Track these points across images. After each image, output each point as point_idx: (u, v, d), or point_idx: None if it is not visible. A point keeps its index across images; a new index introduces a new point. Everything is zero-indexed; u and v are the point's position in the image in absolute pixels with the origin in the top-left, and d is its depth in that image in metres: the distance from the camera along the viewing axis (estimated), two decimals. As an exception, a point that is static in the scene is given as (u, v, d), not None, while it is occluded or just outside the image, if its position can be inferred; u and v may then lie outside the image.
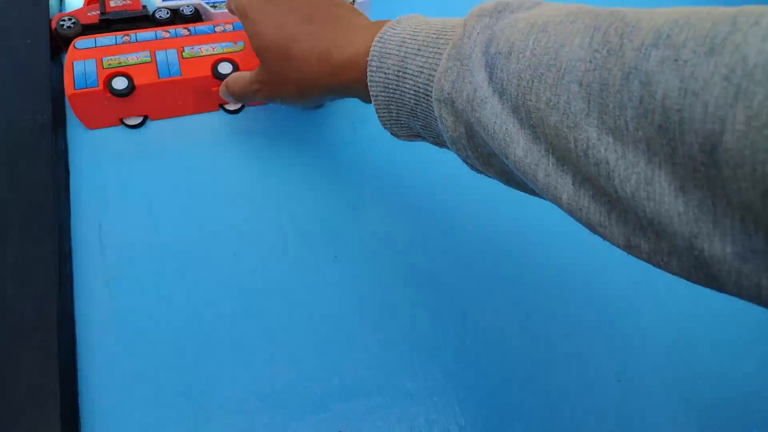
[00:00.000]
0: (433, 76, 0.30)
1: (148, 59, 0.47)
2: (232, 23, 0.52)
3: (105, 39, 0.48)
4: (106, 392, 0.40)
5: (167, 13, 0.52)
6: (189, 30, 0.50)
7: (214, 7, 0.54)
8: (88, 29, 0.51)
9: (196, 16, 0.53)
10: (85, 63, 0.46)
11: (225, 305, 0.44)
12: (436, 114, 0.30)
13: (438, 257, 0.48)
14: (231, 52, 0.49)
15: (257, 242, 0.47)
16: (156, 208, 0.47)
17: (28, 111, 0.47)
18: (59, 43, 0.51)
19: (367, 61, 0.34)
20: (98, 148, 0.49)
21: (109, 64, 0.46)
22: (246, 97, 0.44)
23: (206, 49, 0.49)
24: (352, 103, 0.54)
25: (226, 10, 0.53)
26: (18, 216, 0.43)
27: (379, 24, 0.37)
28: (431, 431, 0.41)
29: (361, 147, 0.53)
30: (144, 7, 0.53)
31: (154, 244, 0.46)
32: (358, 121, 0.54)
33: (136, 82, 0.46)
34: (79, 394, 0.40)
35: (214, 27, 0.51)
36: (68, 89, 0.45)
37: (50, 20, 0.51)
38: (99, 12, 0.51)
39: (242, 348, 0.43)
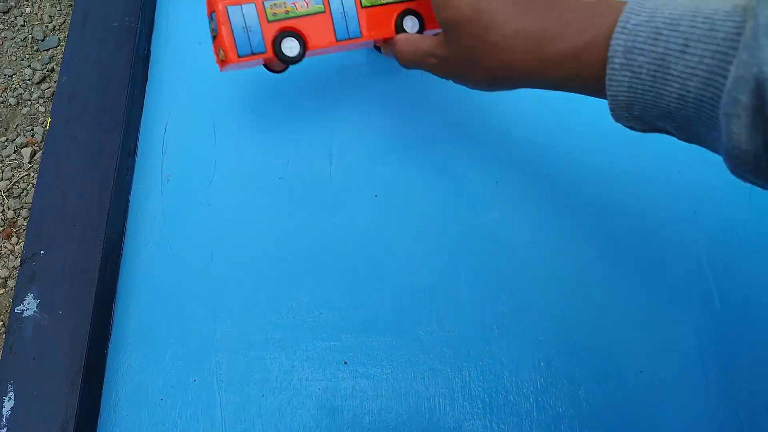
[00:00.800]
0: (716, 83, 0.25)
1: (321, 8, 0.38)
2: None
3: None
4: (144, 276, 0.44)
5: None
6: None
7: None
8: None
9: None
10: (243, 10, 0.36)
11: (262, 223, 0.46)
12: (722, 126, 0.25)
13: (475, 213, 0.46)
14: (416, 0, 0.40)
15: (304, 170, 0.48)
16: (218, 122, 0.49)
17: (119, 12, 0.50)
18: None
19: (598, 55, 0.29)
20: (178, 60, 0.52)
21: (275, 14, 0.37)
22: (415, 67, 0.39)
23: None
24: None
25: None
26: (93, 108, 0.47)
27: (606, 3, 0.30)
28: (434, 379, 0.42)
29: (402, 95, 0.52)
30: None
31: (209, 156, 0.48)
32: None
33: (309, 44, 0.38)
34: (119, 276, 0.44)
35: None
36: (229, 54, 0.36)
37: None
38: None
39: (271, 266, 0.44)
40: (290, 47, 0.37)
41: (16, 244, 0.61)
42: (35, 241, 0.43)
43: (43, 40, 0.68)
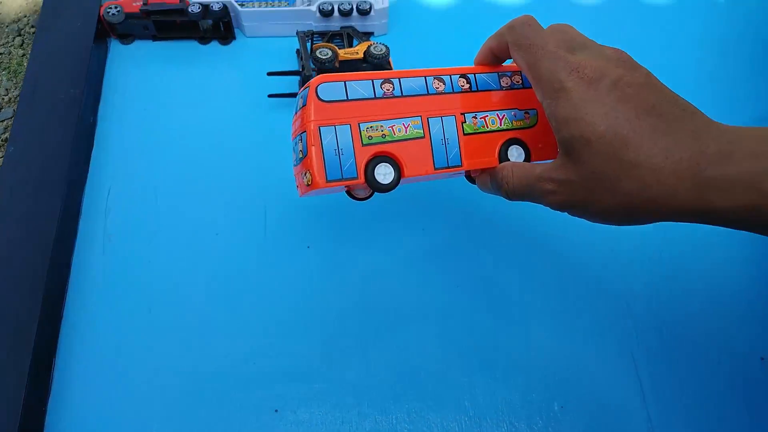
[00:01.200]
0: None
1: (420, 133, 0.35)
2: (521, 74, 0.38)
3: (359, 85, 0.35)
4: (84, 332, 0.46)
5: (199, 7, 0.57)
6: (468, 80, 0.37)
7: (242, 5, 0.58)
8: (129, 18, 0.57)
9: (224, 12, 0.57)
10: (336, 131, 0.33)
11: (198, 278, 0.48)
12: None
13: (403, 260, 0.49)
14: (522, 128, 0.37)
15: (240, 225, 0.50)
16: (159, 184, 0.52)
17: (65, 83, 0.54)
18: (105, 27, 0.58)
19: None
20: (123, 127, 0.55)
21: (370, 138, 0.34)
22: (524, 197, 0.34)
23: (492, 121, 0.37)
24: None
25: (261, 7, 0.58)
26: (37, 175, 0.49)
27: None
28: (362, 423, 0.43)
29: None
30: (180, 1, 0.58)
31: (150, 216, 0.50)
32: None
33: (405, 171, 0.34)
34: (60, 334, 0.46)
35: (499, 78, 0.38)
36: (317, 178, 0.33)
37: (100, 7, 0.58)
38: (142, 2, 0.57)
39: (206, 318, 0.46)
40: (384, 174, 0.34)
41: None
42: (-24, 304, 0.45)
43: (-2, 112, 0.72)
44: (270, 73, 0.54)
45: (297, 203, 0.51)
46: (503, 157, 0.36)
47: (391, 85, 0.35)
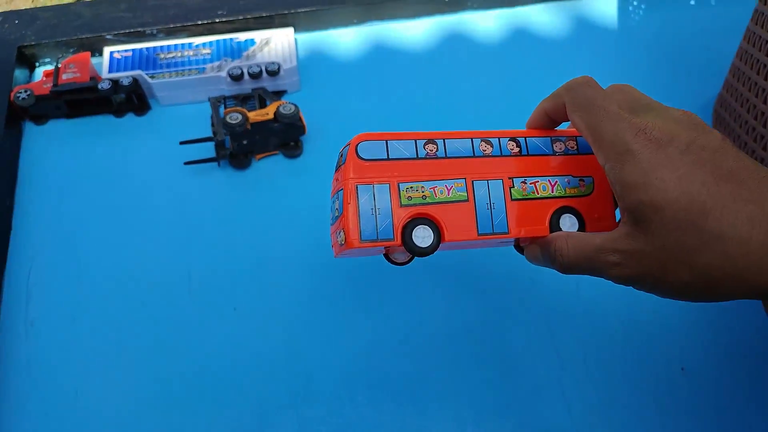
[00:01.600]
0: None
1: (464, 196, 0.33)
2: (576, 139, 0.36)
3: (401, 145, 0.33)
4: (9, 415, 0.44)
5: (109, 83, 0.58)
6: (518, 143, 0.35)
7: (153, 77, 0.59)
8: (41, 100, 0.58)
9: (135, 85, 0.58)
10: (374, 189, 0.32)
11: (125, 353, 0.47)
12: None
13: (327, 312, 0.50)
14: (577, 196, 0.35)
15: (164, 294, 0.50)
16: (81, 262, 0.52)
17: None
18: (17, 111, 0.58)
19: None
20: (42, 207, 0.55)
21: (409, 198, 0.32)
22: (583, 270, 0.31)
23: (543, 187, 0.34)
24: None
25: (170, 78, 0.59)
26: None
27: None
28: (299, 481, 0.43)
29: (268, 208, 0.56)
30: (92, 78, 0.59)
31: (73, 296, 0.50)
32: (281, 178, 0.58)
33: (445, 235, 0.32)
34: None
35: (552, 143, 0.35)
36: (351, 237, 0.31)
37: (10, 92, 0.58)
38: (52, 84, 0.58)
39: (135, 394, 0.46)
40: (423, 237, 0.32)
41: None
42: None
43: None
44: (182, 142, 0.55)
45: (220, 266, 0.52)
46: (555, 226, 0.34)
47: (435, 146, 0.33)
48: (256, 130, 0.55)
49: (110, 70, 0.60)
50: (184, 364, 0.47)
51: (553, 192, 0.34)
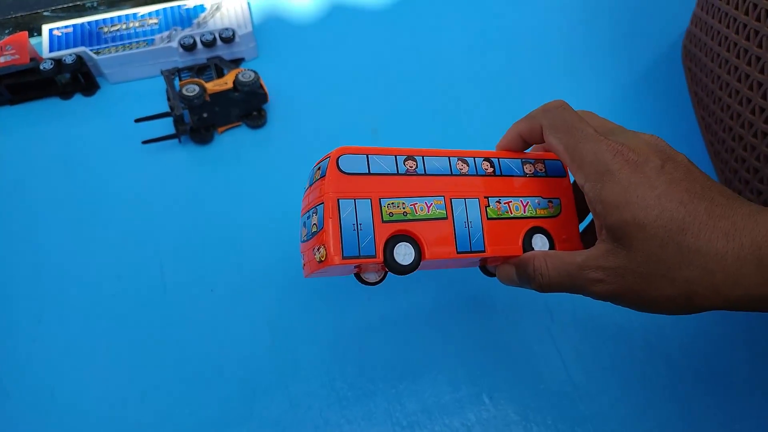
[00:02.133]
0: None
1: (443, 213, 0.33)
2: (544, 162, 0.37)
3: (381, 160, 0.33)
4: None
5: (51, 63, 0.54)
6: (492, 164, 0.35)
7: (98, 54, 0.55)
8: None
9: (80, 63, 0.55)
10: (356, 205, 0.31)
11: (99, 348, 0.45)
12: None
13: (306, 294, 0.48)
14: (546, 217, 0.36)
15: (134, 282, 0.48)
16: (41, 252, 0.49)
17: None
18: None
19: None
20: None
21: (390, 215, 0.31)
22: (562, 288, 0.32)
23: (516, 207, 0.35)
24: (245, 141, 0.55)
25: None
26: None
27: None
28: (295, 459, 0.42)
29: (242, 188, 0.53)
30: (32, 59, 0.55)
31: (35, 289, 0.47)
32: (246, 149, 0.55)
33: (426, 252, 0.32)
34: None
35: (522, 164, 0.36)
36: (332, 254, 0.30)
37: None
38: (-10, 68, 0.54)
39: (116, 392, 0.44)
40: (404, 254, 0.31)
41: None
42: None
43: None
44: (138, 120, 0.52)
45: (194, 246, 0.49)
46: (527, 245, 0.34)
47: (415, 163, 0.33)
48: (215, 102, 0.52)
49: (51, 49, 0.56)
50: (163, 352, 0.45)
51: (525, 212, 0.35)
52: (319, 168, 0.32)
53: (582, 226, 0.38)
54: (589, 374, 0.44)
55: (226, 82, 0.52)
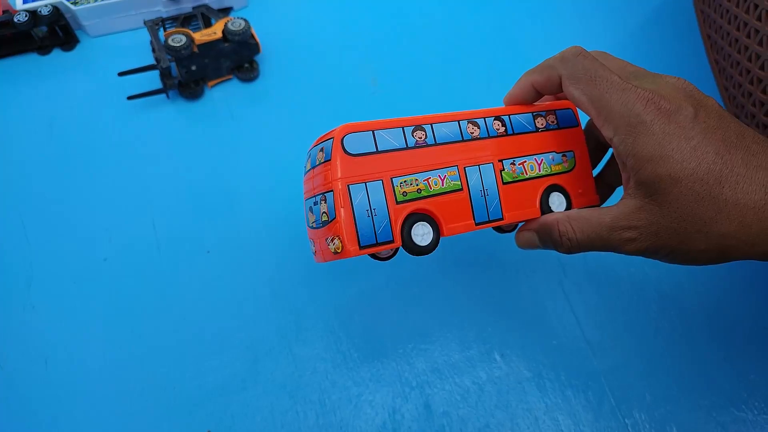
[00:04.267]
0: None
1: (458, 185, 0.31)
2: (555, 112, 0.35)
3: (388, 134, 0.30)
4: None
5: (26, 15, 0.50)
6: (503, 122, 0.33)
7: (76, 4, 0.52)
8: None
9: (57, 15, 0.51)
10: (367, 189, 0.29)
11: (93, 314, 0.43)
12: None
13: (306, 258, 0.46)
14: (561, 173, 0.35)
15: (128, 243, 0.45)
16: (27, 218, 0.46)
17: None
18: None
19: None
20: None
21: (404, 194, 0.30)
22: (592, 249, 0.31)
23: (531, 167, 0.34)
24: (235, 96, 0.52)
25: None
26: None
27: None
28: (305, 422, 0.40)
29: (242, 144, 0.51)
30: (5, 12, 0.51)
31: (23, 256, 0.45)
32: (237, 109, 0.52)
33: (444, 229, 0.31)
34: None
35: (534, 118, 0.35)
36: (348, 245, 0.28)
37: None
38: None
39: (114, 356, 0.42)
40: (422, 235, 0.30)
41: None
42: None
43: None
44: (121, 73, 0.49)
45: (187, 207, 0.47)
46: (544, 206, 0.33)
47: (424, 133, 0.31)
48: (204, 53, 0.49)
49: (25, 1, 0.52)
50: (160, 317, 0.43)
51: (540, 171, 0.34)
52: (321, 149, 0.30)
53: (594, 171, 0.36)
54: (602, 329, 0.43)
55: (215, 31, 0.49)
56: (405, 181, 0.30)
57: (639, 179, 0.28)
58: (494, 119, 0.33)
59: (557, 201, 0.34)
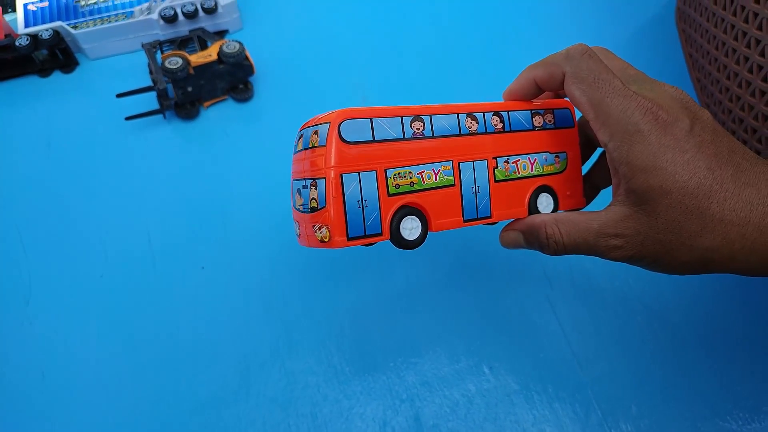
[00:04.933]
0: None
1: (451, 180, 0.31)
2: (553, 111, 0.35)
3: (387, 123, 0.30)
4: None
5: (27, 39, 0.52)
6: (501, 118, 0.33)
7: (75, 28, 0.53)
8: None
9: (57, 39, 0.53)
10: (360, 179, 0.29)
11: (89, 329, 0.44)
12: None
13: (299, 268, 0.47)
14: (552, 174, 0.35)
15: (124, 261, 0.46)
16: (25, 233, 0.47)
17: None
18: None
19: None
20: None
21: (397, 187, 0.30)
22: (577, 253, 0.31)
23: (523, 166, 0.34)
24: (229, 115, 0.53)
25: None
26: None
27: None
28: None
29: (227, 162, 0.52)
30: (7, 35, 0.53)
31: (22, 272, 0.46)
32: (231, 125, 0.54)
33: (432, 224, 0.31)
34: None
35: (532, 116, 0.34)
36: (336, 236, 0.28)
37: None
38: (-38, 45, 0.52)
39: (110, 362, 0.43)
40: (410, 229, 0.30)
41: None
42: None
43: None
44: (120, 95, 0.50)
45: (182, 224, 0.48)
46: (532, 206, 0.34)
47: (422, 124, 0.30)
48: (199, 75, 0.50)
49: (27, 25, 0.54)
50: (154, 331, 0.44)
51: (532, 170, 0.34)
52: (316, 132, 0.29)
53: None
54: (589, 341, 0.44)
55: (210, 54, 0.50)
56: (399, 174, 0.29)
57: (630, 188, 0.28)
58: (493, 114, 0.33)
59: (545, 202, 0.34)
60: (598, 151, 0.38)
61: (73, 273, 0.46)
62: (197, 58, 0.50)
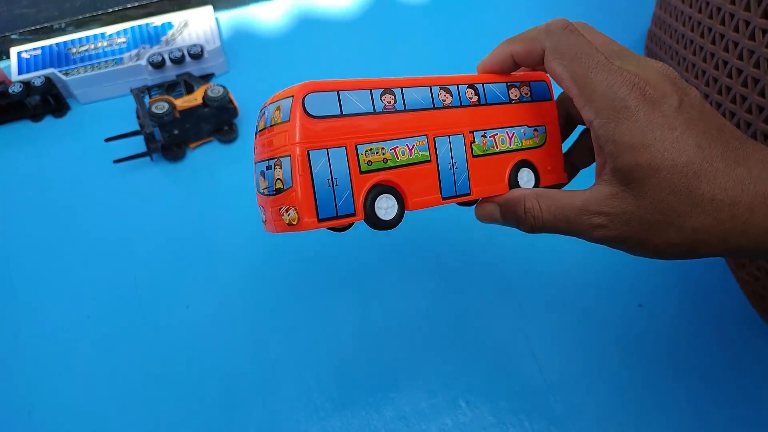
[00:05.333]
0: None
1: (426, 156, 0.29)
2: (529, 84, 0.34)
3: (355, 96, 0.28)
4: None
5: (20, 86, 0.54)
6: (476, 91, 0.32)
7: (67, 74, 0.56)
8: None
9: (49, 85, 0.55)
10: (329, 156, 0.27)
11: (75, 369, 0.45)
12: None
13: (286, 313, 0.48)
14: (532, 148, 0.33)
15: (109, 301, 0.48)
16: (15, 274, 0.49)
17: None
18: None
19: None
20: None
21: (369, 163, 0.28)
22: (556, 231, 0.29)
23: (502, 140, 0.32)
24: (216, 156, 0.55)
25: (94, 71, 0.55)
26: None
27: None
28: (275, 471, 0.42)
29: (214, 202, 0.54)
30: (1, 83, 0.55)
31: (10, 313, 0.47)
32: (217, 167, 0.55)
33: (409, 203, 0.29)
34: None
35: (508, 89, 0.33)
36: (305, 217, 0.26)
37: None
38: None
39: (96, 399, 0.44)
40: (386, 208, 0.28)
41: None
42: None
43: None
44: (108, 139, 0.52)
45: (168, 264, 0.49)
46: (513, 181, 0.32)
47: (393, 97, 0.29)
48: (185, 118, 0.52)
49: (20, 72, 0.56)
50: (140, 369, 0.45)
51: (510, 145, 0.32)
52: (278, 108, 0.27)
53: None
54: (563, 370, 0.45)
55: (196, 98, 0.52)
56: (371, 149, 0.28)
57: (616, 166, 0.27)
58: (467, 87, 0.31)
59: (526, 177, 0.33)
60: (579, 129, 0.37)
61: (60, 313, 0.47)
62: (183, 103, 0.52)
